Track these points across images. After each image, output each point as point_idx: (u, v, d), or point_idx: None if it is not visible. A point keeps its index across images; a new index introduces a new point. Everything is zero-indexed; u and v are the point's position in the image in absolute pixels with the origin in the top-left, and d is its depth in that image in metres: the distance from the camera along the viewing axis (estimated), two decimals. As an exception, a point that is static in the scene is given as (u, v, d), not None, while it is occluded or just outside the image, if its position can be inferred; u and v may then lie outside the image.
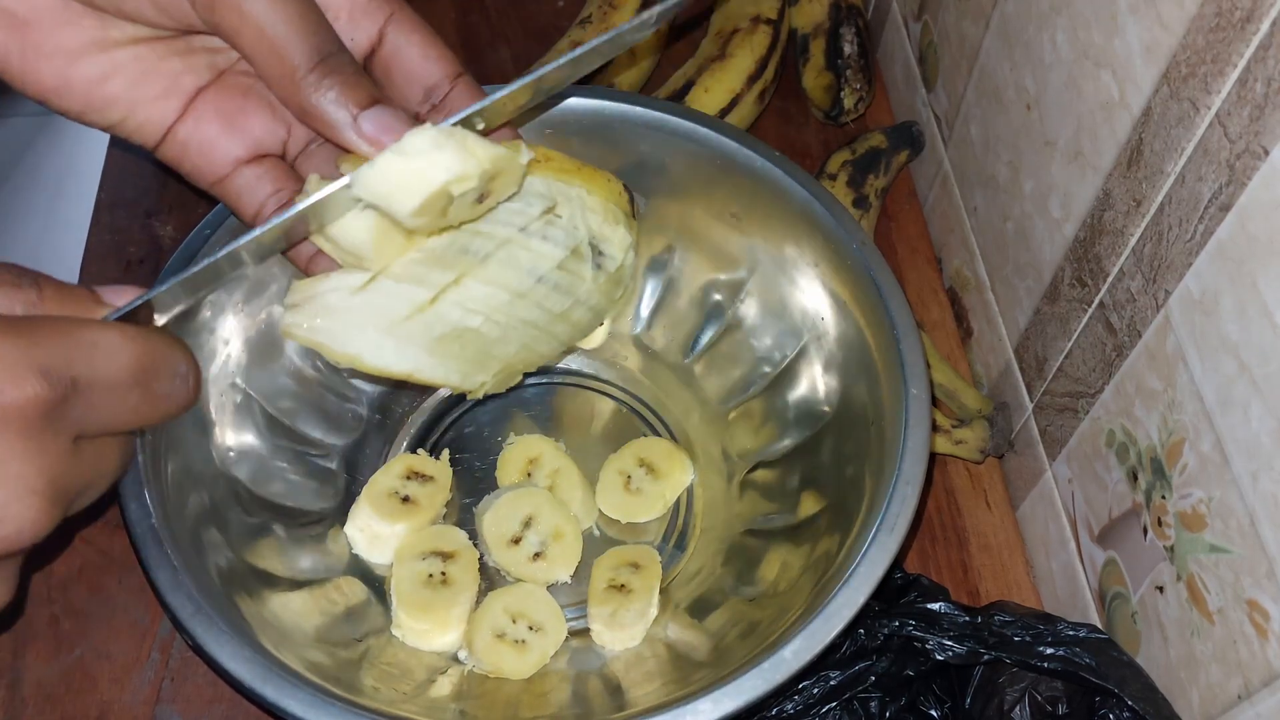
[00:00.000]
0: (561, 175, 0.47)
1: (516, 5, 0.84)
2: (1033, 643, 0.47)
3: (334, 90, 0.38)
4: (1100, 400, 0.51)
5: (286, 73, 0.38)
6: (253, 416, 0.54)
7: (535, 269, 0.48)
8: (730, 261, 0.59)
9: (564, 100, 0.56)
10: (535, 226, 0.47)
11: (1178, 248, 0.44)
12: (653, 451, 0.58)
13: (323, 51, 0.38)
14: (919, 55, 0.75)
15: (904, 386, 0.49)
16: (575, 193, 0.48)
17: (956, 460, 0.63)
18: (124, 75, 0.41)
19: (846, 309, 0.54)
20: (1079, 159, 0.52)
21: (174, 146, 0.43)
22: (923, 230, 0.74)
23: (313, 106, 0.39)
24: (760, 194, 0.56)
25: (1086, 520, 0.54)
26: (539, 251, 0.47)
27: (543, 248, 0.47)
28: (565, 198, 0.47)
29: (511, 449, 0.59)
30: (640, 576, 0.53)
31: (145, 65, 0.41)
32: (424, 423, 0.61)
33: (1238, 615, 0.42)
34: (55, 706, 0.52)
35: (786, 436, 0.57)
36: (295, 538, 0.53)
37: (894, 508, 0.45)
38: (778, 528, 0.55)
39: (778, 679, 0.41)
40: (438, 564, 0.53)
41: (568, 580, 0.54)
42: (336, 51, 0.39)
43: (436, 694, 0.49)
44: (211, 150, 0.43)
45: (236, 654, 0.41)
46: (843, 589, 0.43)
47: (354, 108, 0.39)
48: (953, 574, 0.59)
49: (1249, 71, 0.38)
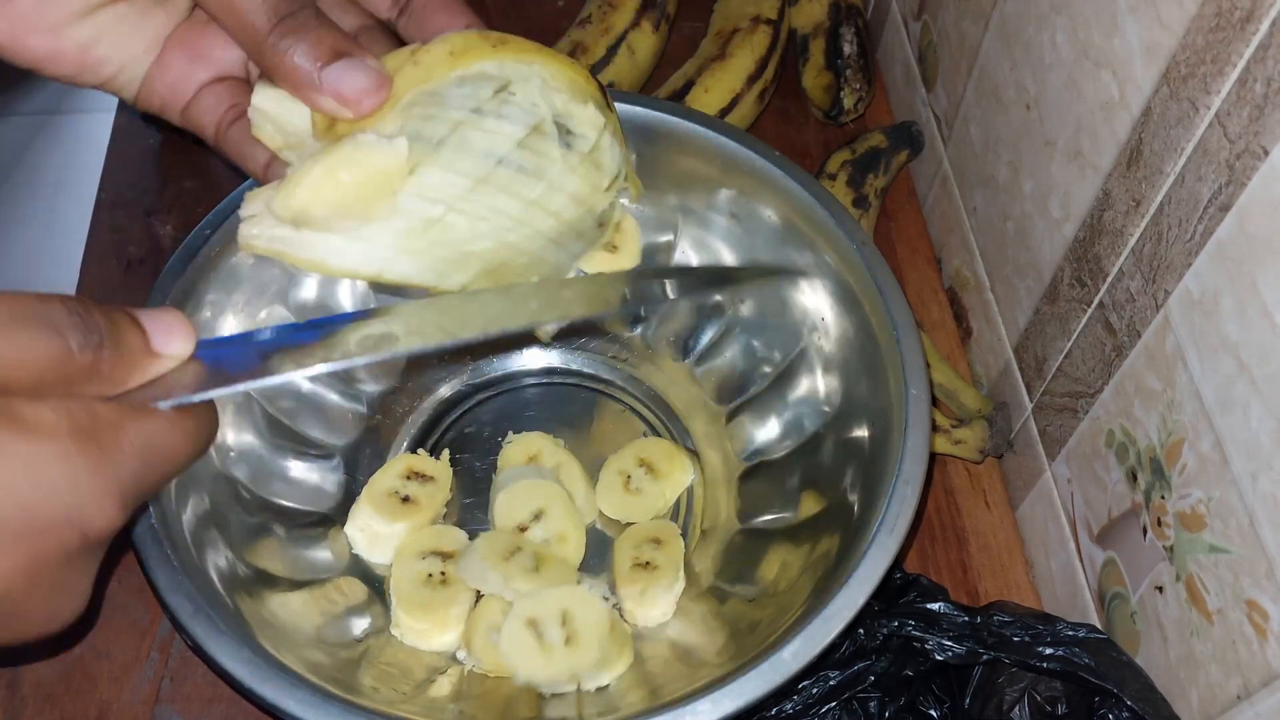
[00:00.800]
0: (520, 56, 0.44)
1: (516, 5, 0.84)
2: (1032, 643, 0.47)
3: (297, 47, 0.38)
4: (1100, 400, 0.51)
5: (250, 35, 0.38)
6: (253, 416, 0.54)
7: (492, 150, 0.44)
8: (730, 261, 0.59)
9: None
10: (489, 106, 0.43)
11: (1177, 248, 0.44)
12: (653, 452, 0.58)
13: (281, 11, 0.38)
14: (919, 55, 0.75)
15: (904, 386, 0.49)
16: (534, 71, 0.44)
17: (956, 460, 0.63)
18: (111, 36, 0.41)
19: (847, 309, 0.54)
20: (1079, 159, 0.52)
21: (150, 91, 0.43)
22: (922, 230, 0.74)
23: (278, 67, 0.38)
24: (760, 194, 0.56)
25: (1086, 520, 0.54)
26: (495, 131, 0.44)
27: (499, 126, 0.43)
28: (521, 77, 0.44)
29: (511, 447, 0.59)
30: (663, 551, 0.54)
31: (129, 23, 0.41)
32: (424, 423, 0.61)
33: (1237, 615, 0.42)
34: (54, 706, 0.52)
35: (787, 436, 0.57)
36: (295, 538, 0.53)
37: (894, 508, 0.45)
38: (778, 528, 0.55)
39: (777, 680, 0.41)
40: (437, 564, 0.53)
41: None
42: (298, 9, 0.39)
43: (435, 694, 0.49)
44: (179, 82, 0.43)
45: (236, 654, 0.41)
46: (842, 590, 0.43)
47: (317, 62, 0.38)
48: (952, 574, 0.59)
49: (1249, 71, 0.38)
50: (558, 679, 0.48)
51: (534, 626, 0.49)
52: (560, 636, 0.49)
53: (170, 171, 0.73)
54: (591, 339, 0.64)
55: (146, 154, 0.74)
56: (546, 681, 0.49)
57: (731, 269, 0.59)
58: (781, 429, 0.58)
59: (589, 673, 0.49)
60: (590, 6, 0.75)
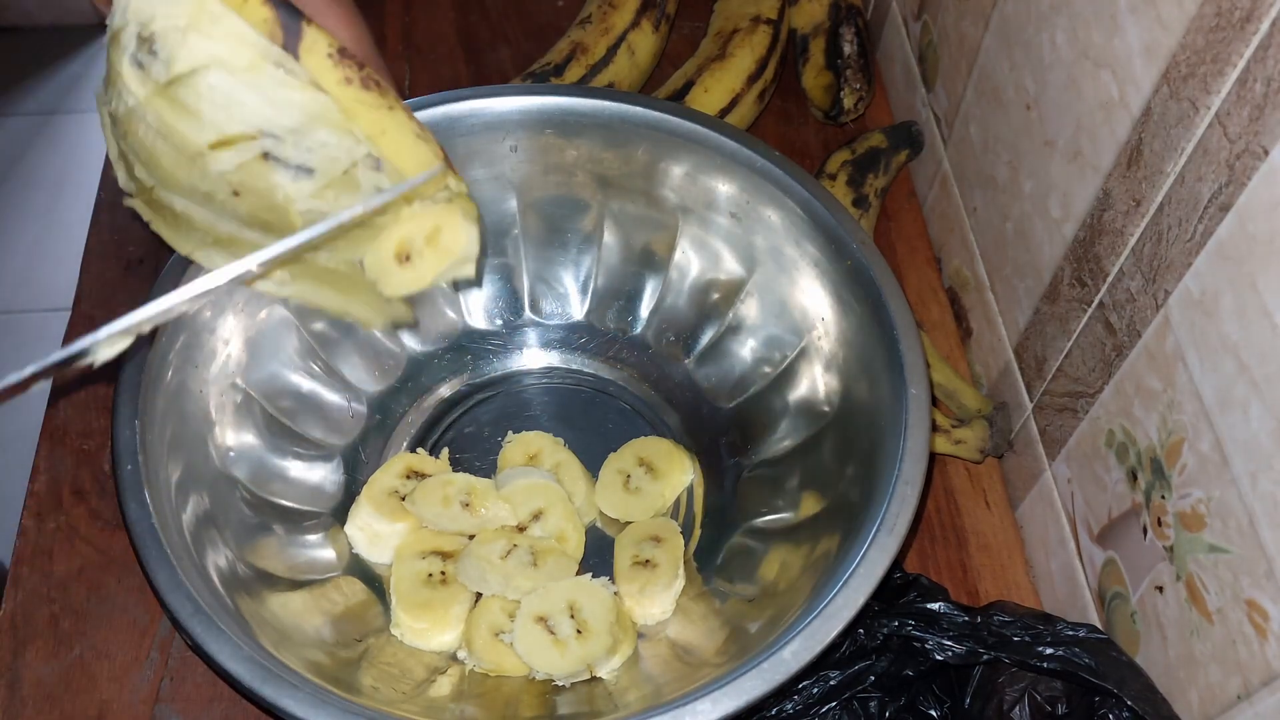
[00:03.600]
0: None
1: (516, 5, 0.84)
2: (1032, 643, 0.47)
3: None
4: (1100, 400, 0.51)
5: None
6: (253, 416, 0.54)
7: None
8: (730, 261, 0.60)
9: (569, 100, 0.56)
10: None
11: (1177, 248, 0.44)
12: (652, 451, 0.58)
13: None
14: (919, 55, 0.75)
15: (904, 387, 0.49)
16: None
17: (956, 460, 0.63)
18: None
19: (846, 309, 0.54)
20: (1079, 159, 0.52)
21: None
22: (922, 230, 0.74)
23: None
24: (760, 194, 0.56)
25: (1086, 520, 0.54)
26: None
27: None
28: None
29: (511, 446, 0.59)
30: (663, 549, 0.54)
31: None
32: (424, 422, 0.61)
33: (1237, 615, 0.42)
34: (54, 705, 0.52)
35: (787, 436, 0.57)
36: (295, 537, 0.53)
37: (893, 508, 0.45)
38: (778, 528, 0.55)
39: (777, 680, 0.41)
40: (437, 563, 0.53)
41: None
42: None
43: (436, 694, 0.49)
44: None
45: (235, 654, 0.41)
46: (842, 590, 0.43)
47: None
48: (952, 574, 0.59)
49: (1249, 71, 0.38)
50: (574, 670, 0.49)
51: (545, 622, 0.50)
52: (571, 629, 0.49)
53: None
54: (592, 339, 0.64)
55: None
56: (563, 674, 0.49)
57: None
58: (782, 428, 0.58)
59: (601, 660, 0.49)
60: (590, 6, 0.75)
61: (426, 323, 0.62)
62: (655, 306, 0.62)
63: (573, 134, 0.58)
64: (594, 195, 0.60)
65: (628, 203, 0.60)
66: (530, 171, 0.59)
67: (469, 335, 0.63)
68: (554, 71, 0.71)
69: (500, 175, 0.59)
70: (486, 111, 0.57)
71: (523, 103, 0.57)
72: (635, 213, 0.61)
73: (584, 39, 0.73)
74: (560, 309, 0.64)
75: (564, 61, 0.72)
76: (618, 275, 0.63)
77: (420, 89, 0.78)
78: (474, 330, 0.63)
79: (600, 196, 0.60)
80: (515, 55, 0.80)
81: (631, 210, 0.61)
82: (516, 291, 0.63)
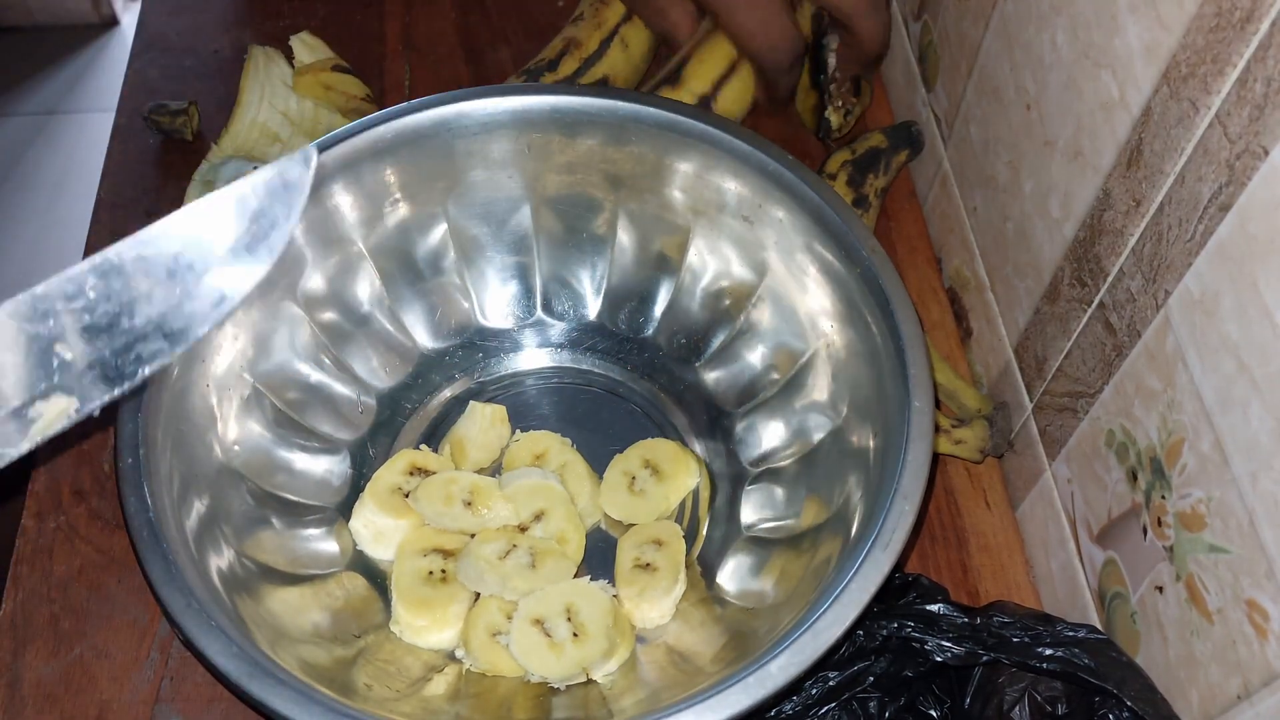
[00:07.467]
0: None
1: (516, 5, 0.84)
2: (1032, 643, 0.47)
3: None
4: (1100, 400, 0.51)
5: None
6: (261, 410, 0.54)
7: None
8: (742, 266, 0.59)
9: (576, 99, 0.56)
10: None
11: (1177, 248, 0.44)
12: (659, 453, 0.58)
13: None
14: (919, 55, 0.75)
15: (907, 399, 0.48)
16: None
17: (956, 460, 0.63)
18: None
19: (855, 317, 0.54)
20: (1079, 159, 0.52)
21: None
22: (922, 230, 0.74)
23: None
24: (771, 197, 0.56)
25: (1086, 520, 0.54)
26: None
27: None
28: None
29: (517, 445, 0.59)
30: (664, 553, 0.54)
31: None
32: (432, 420, 0.61)
33: (1237, 615, 0.42)
34: (54, 705, 0.52)
35: (793, 443, 0.57)
36: (299, 531, 0.53)
37: (890, 523, 0.44)
38: (780, 535, 0.54)
39: (762, 694, 0.41)
40: (438, 561, 0.53)
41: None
42: None
43: (431, 693, 0.48)
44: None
45: (225, 650, 0.41)
46: (833, 606, 0.43)
47: None
48: (952, 574, 0.59)
49: (1249, 71, 0.38)
50: (570, 673, 0.49)
51: (541, 625, 0.50)
52: (567, 631, 0.49)
53: (170, 171, 0.73)
54: (603, 339, 0.64)
55: (146, 154, 0.74)
56: (558, 677, 0.49)
57: None
58: (788, 435, 0.58)
59: (597, 663, 0.49)
60: (584, 4, 0.75)
61: (439, 319, 0.62)
62: (668, 308, 0.62)
63: (581, 134, 0.57)
64: (607, 195, 0.60)
65: (640, 203, 0.60)
66: (543, 170, 0.59)
67: (481, 333, 0.63)
68: (548, 67, 0.71)
69: (515, 175, 0.59)
70: (500, 110, 0.57)
71: (534, 102, 0.57)
72: (648, 213, 0.60)
73: (577, 34, 0.73)
74: (573, 309, 0.64)
75: (557, 57, 0.71)
76: (631, 276, 0.63)
77: (420, 89, 0.78)
78: (486, 329, 0.63)
79: (613, 196, 0.60)
80: (515, 55, 0.80)
81: (644, 211, 0.60)
82: (530, 290, 0.63)
